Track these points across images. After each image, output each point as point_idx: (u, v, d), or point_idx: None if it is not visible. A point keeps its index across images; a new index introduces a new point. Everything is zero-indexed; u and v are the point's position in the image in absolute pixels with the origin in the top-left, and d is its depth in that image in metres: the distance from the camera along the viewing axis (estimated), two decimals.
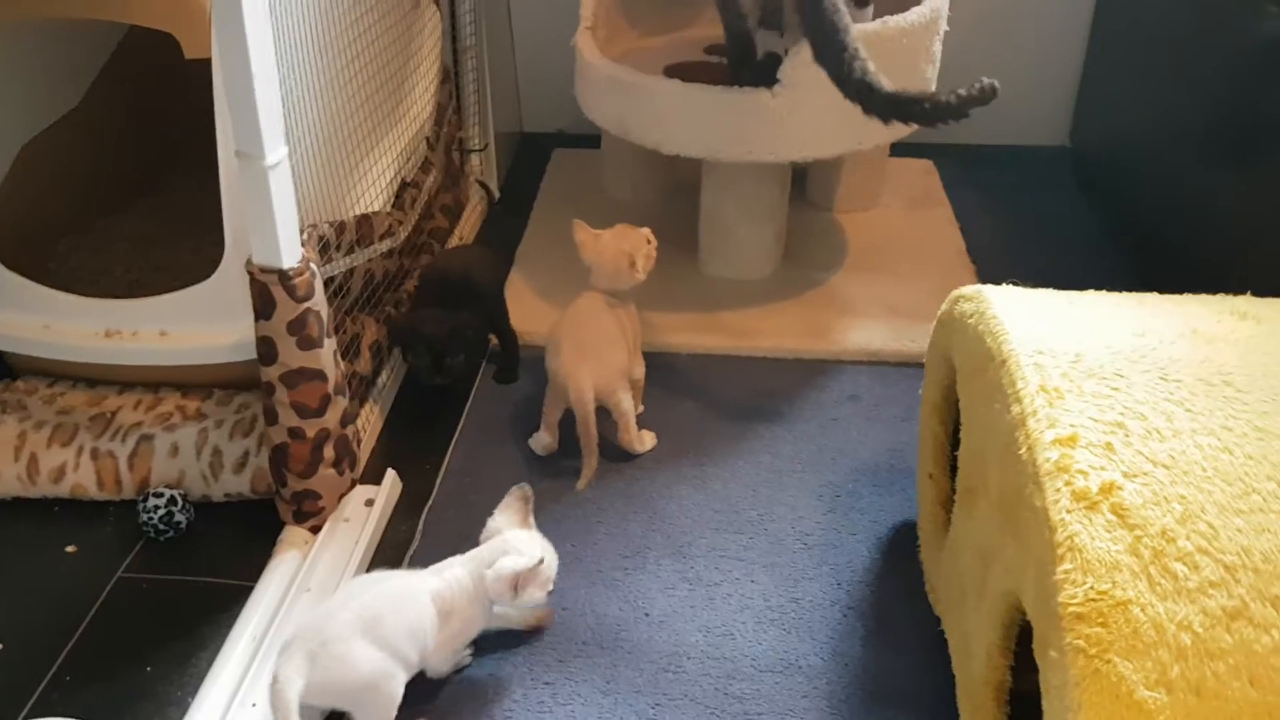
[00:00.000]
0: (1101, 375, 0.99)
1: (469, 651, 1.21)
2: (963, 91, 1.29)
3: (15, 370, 1.55)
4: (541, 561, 1.16)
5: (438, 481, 1.48)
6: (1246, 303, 1.13)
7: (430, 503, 1.44)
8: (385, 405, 1.60)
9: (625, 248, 1.50)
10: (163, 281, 1.52)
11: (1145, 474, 0.89)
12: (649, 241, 1.53)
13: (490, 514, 1.25)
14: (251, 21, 1.11)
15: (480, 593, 1.16)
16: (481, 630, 1.20)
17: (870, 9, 1.70)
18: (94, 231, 1.73)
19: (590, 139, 2.18)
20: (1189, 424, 0.94)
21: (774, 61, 1.59)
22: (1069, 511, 0.87)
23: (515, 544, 1.18)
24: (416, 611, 1.12)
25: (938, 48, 1.65)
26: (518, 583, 1.15)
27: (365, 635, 1.07)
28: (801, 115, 1.54)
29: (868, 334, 1.74)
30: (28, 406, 1.47)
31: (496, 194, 2.18)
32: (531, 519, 1.25)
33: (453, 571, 1.17)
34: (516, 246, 2.00)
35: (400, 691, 1.10)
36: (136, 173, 1.84)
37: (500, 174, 2.22)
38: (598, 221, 1.54)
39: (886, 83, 1.34)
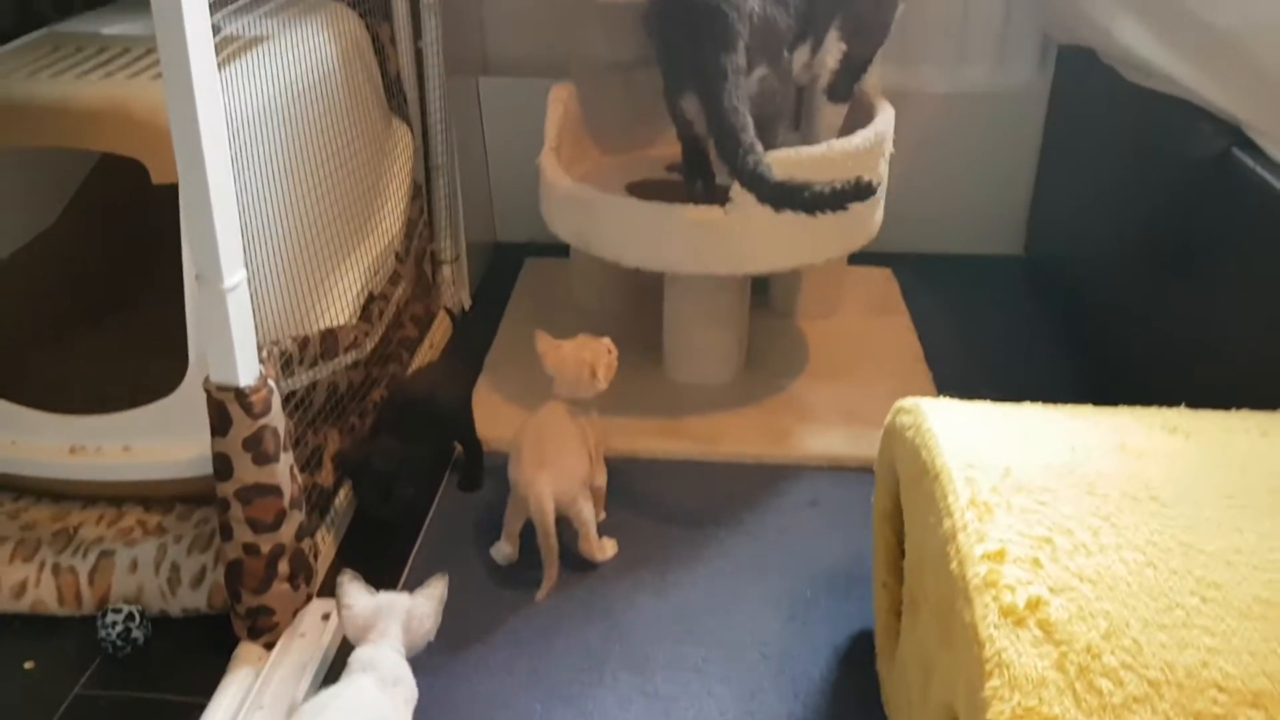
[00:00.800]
0: (1030, 489, 1.02)
1: None
2: (839, 185, 1.40)
3: None
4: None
5: None
6: (1178, 415, 1.16)
7: None
8: (346, 516, 1.61)
9: (586, 357, 1.53)
10: (132, 395, 1.54)
11: (1071, 589, 0.91)
12: (610, 351, 1.56)
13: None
14: (210, 148, 1.15)
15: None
16: None
17: (846, 106, 1.76)
18: (66, 346, 1.76)
19: (561, 248, 2.22)
20: (1114, 539, 0.96)
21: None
22: (996, 627, 0.89)
23: (402, 597, 1.24)
24: (376, 714, 1.13)
25: (884, 169, 1.71)
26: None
27: None
28: (754, 231, 1.59)
29: (827, 439, 1.77)
30: None
31: (467, 303, 2.22)
32: None
33: (380, 652, 1.18)
34: (486, 354, 2.04)
35: None
36: (110, 288, 1.87)
37: (473, 283, 2.27)
38: (566, 327, 1.58)
39: (775, 173, 1.46)
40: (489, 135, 2.40)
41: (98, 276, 1.86)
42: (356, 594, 1.23)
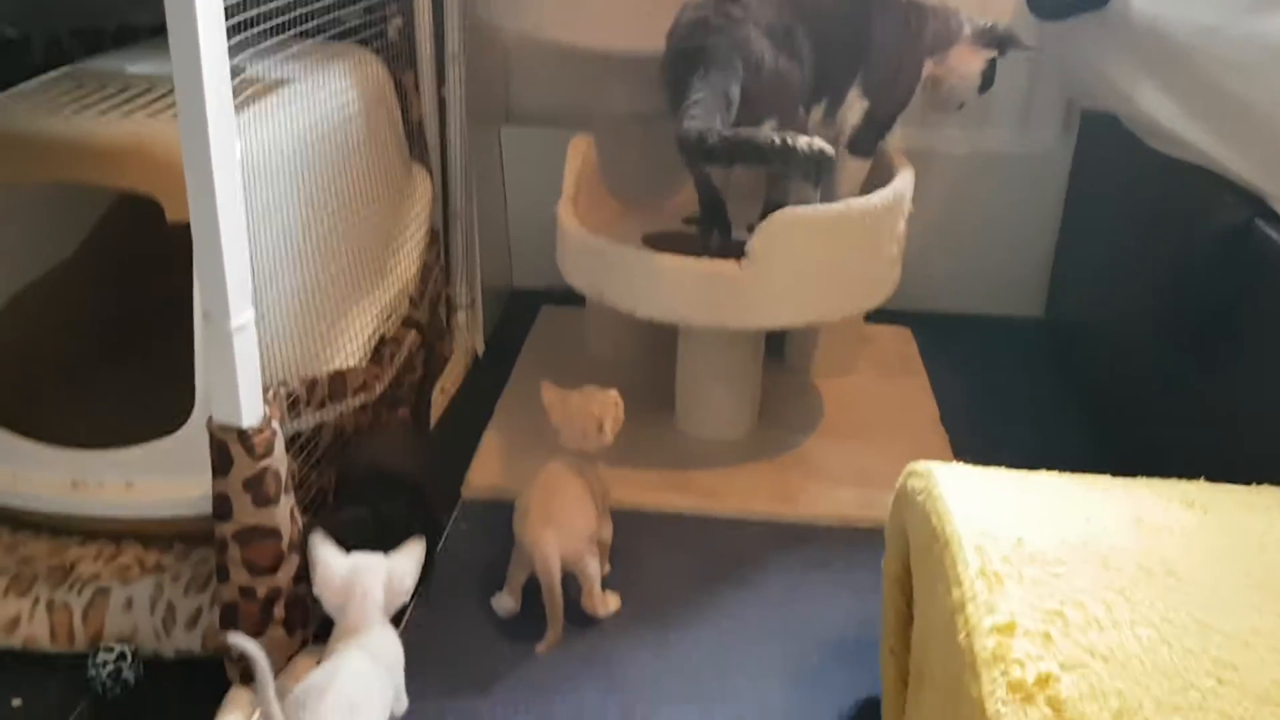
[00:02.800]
0: (1043, 561, 0.99)
1: None
2: (791, 140, 1.38)
3: None
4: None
5: None
6: (1197, 489, 1.13)
7: None
8: None
9: (594, 410, 1.51)
10: (139, 434, 1.53)
11: (1083, 666, 0.88)
12: (616, 404, 1.54)
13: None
14: (222, 187, 1.15)
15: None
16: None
17: (869, 162, 1.74)
18: (78, 382, 1.76)
19: (577, 296, 2.22)
20: (1128, 614, 0.93)
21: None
22: (1004, 703, 0.86)
23: (379, 557, 1.22)
24: (374, 690, 1.15)
25: (902, 227, 1.70)
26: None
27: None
28: (769, 286, 1.58)
29: (839, 500, 1.74)
30: None
31: (480, 349, 2.22)
32: None
33: (366, 621, 1.20)
34: (496, 401, 2.02)
35: None
36: (126, 326, 1.87)
37: (487, 328, 2.26)
38: (580, 376, 1.57)
39: (726, 130, 1.43)
40: (509, 182, 2.41)
41: (111, 313, 1.86)
42: (331, 554, 1.20)
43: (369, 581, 1.19)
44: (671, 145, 1.58)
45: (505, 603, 1.50)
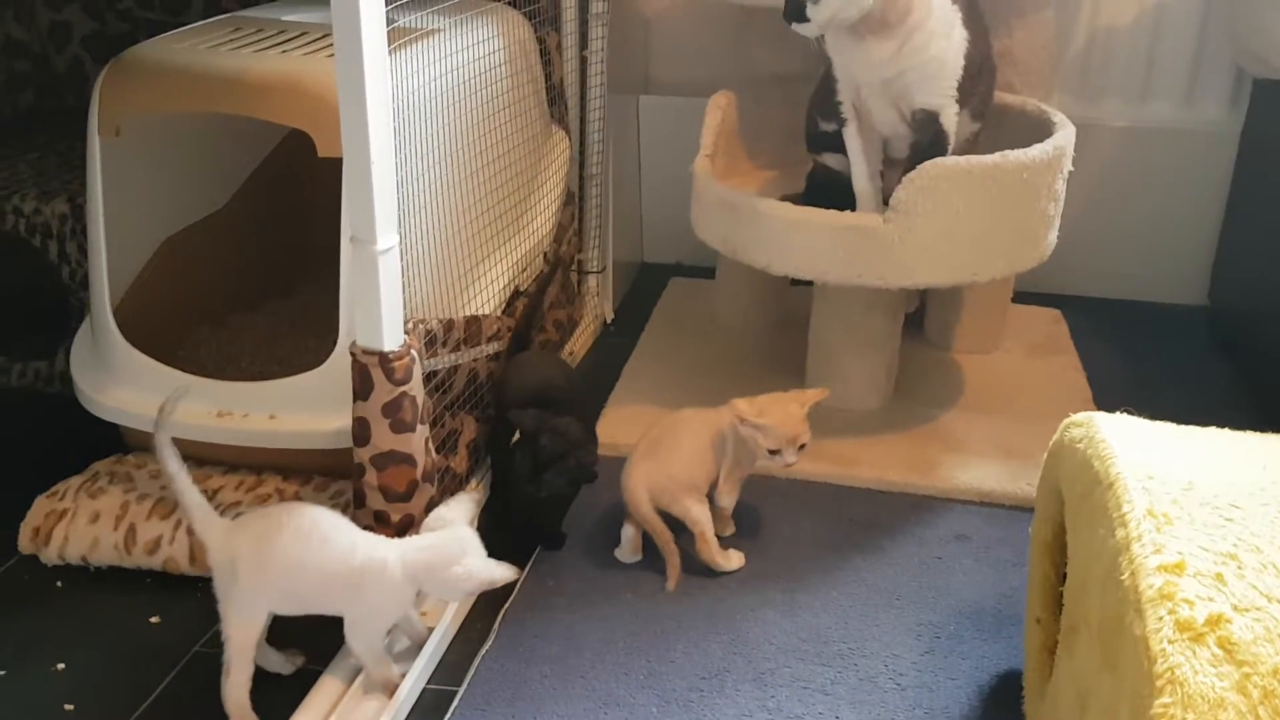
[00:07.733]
0: (1215, 505, 0.92)
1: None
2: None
3: (129, 445, 1.61)
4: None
5: (518, 583, 1.45)
6: None
7: (508, 604, 1.42)
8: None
9: (798, 429, 1.44)
10: (284, 375, 1.56)
11: (1258, 609, 0.81)
12: (786, 463, 1.45)
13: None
14: (375, 115, 1.17)
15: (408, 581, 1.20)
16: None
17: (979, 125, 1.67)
18: (225, 326, 1.81)
19: (707, 270, 2.21)
20: None
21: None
22: (1171, 642, 0.80)
23: (472, 545, 1.21)
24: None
25: (1061, 186, 1.61)
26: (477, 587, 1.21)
27: None
28: (913, 242, 1.53)
29: (980, 473, 1.67)
30: (134, 479, 1.52)
31: (610, 316, 2.21)
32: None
33: (381, 552, 1.19)
34: (623, 365, 2.01)
35: None
36: (272, 274, 1.93)
37: (616, 298, 2.26)
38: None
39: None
40: (644, 154, 2.40)
41: (263, 260, 1.91)
42: (448, 511, 1.23)
43: (425, 571, 1.20)
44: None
45: (625, 546, 1.49)
